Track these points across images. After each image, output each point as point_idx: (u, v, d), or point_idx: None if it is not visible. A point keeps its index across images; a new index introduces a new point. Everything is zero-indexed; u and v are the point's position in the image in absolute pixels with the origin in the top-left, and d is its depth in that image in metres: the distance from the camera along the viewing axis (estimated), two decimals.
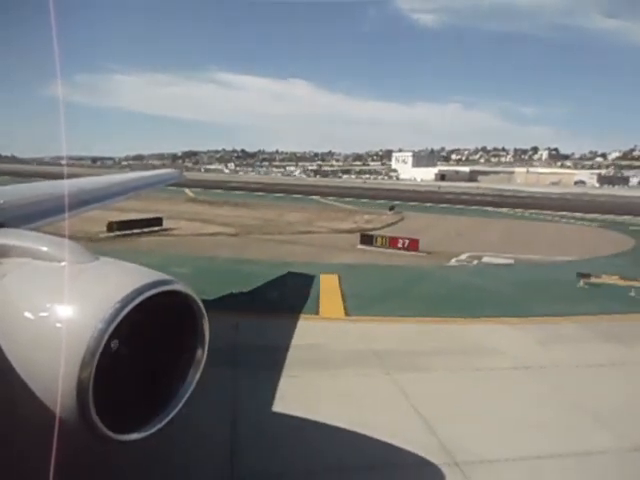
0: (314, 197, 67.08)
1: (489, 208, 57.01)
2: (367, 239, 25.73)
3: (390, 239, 25.11)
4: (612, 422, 7.50)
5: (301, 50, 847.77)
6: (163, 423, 3.17)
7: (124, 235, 25.32)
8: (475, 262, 22.71)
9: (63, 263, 3.13)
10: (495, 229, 37.53)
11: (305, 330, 11.32)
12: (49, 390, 2.70)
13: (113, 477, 5.52)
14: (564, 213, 51.96)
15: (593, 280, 18.29)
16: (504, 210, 55.01)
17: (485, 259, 23.32)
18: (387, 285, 17.16)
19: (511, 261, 23.06)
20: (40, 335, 2.75)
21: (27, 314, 2.84)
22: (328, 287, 15.98)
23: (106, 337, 2.68)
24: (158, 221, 28.67)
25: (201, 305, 3.23)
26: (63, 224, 5.22)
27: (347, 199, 64.18)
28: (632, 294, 16.64)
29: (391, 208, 47.13)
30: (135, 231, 26.43)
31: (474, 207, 58.35)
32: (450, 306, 14.39)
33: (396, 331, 11.88)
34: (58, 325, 2.73)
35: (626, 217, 48.39)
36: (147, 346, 3.18)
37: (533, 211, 53.92)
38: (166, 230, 28.29)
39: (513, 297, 16.30)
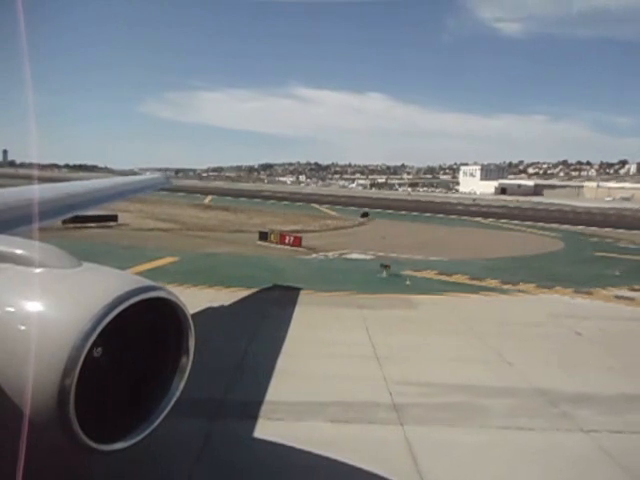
0: (325, 205, 71.45)
1: (479, 219, 58.09)
2: (264, 236, 29.83)
3: (280, 236, 29.01)
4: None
5: (379, 63, 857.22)
6: (147, 432, 3.12)
7: (75, 227, 31.23)
8: (334, 256, 26.03)
9: (46, 269, 3.07)
10: (430, 235, 40.33)
11: None
12: (30, 399, 2.61)
13: None
14: (554, 225, 51.68)
15: (408, 273, 21.63)
16: (489, 221, 55.72)
17: (348, 255, 26.59)
18: (204, 266, 21.39)
19: (369, 257, 26.07)
20: (21, 342, 2.65)
21: (8, 321, 2.74)
22: (157, 263, 20.86)
23: (89, 344, 2.62)
24: (113, 218, 34.80)
25: (187, 312, 3.21)
26: (46, 229, 5.17)
27: (376, 210, 66.23)
28: (407, 283, 19.61)
29: (363, 215, 50.28)
30: (90, 225, 32.54)
31: (477, 218, 59.87)
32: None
33: None
34: (40, 332, 2.65)
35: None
36: (131, 354, 3.15)
37: (522, 222, 54.05)
38: (119, 225, 34.47)
39: (305, 278, 19.84)
